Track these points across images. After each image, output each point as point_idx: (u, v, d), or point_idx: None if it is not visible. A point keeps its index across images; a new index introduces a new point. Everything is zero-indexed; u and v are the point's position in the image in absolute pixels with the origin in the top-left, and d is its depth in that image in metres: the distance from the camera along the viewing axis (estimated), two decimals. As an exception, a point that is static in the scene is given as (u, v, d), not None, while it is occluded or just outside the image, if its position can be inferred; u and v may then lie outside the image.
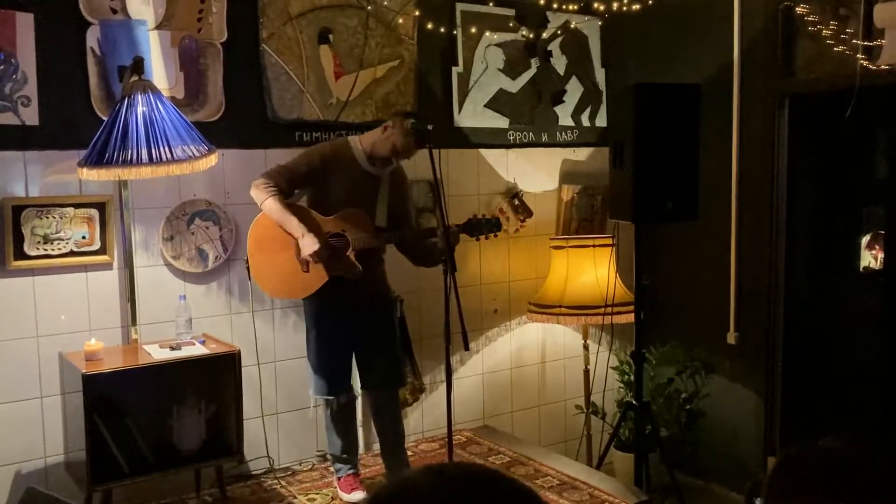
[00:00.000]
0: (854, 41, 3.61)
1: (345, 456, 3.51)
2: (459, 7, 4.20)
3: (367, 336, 3.46)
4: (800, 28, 3.91)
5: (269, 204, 3.25)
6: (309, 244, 3.20)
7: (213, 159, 3.28)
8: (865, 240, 4.44)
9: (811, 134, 4.05)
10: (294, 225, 3.23)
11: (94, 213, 3.34)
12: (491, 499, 0.85)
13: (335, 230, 3.33)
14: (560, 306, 4.27)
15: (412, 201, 3.73)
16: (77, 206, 3.30)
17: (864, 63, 3.57)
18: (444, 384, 3.28)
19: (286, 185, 3.30)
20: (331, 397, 3.44)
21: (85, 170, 3.12)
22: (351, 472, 3.51)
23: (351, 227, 3.33)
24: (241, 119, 3.65)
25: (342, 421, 3.50)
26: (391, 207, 3.43)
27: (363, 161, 3.39)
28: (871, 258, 4.40)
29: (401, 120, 3.34)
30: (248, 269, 3.40)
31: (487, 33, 4.28)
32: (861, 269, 4.40)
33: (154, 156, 3.08)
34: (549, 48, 4.52)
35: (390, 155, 3.34)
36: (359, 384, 3.62)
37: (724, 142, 4.20)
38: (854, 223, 4.28)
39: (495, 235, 3.54)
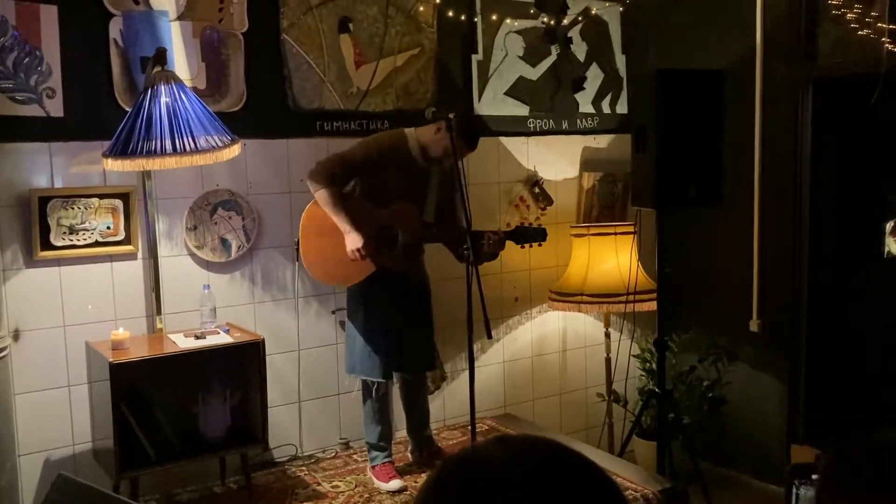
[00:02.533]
0: (879, 24, 3.56)
1: (381, 444, 3.56)
2: (479, -6, 4.18)
3: (407, 322, 3.51)
4: (824, 12, 3.86)
5: (322, 195, 3.32)
6: (352, 241, 3.30)
7: (235, 149, 3.30)
8: (890, 226, 4.39)
9: (835, 119, 4.01)
10: (342, 219, 3.31)
11: (119, 203, 3.37)
12: (558, 469, 0.86)
13: (385, 223, 3.39)
14: (581, 294, 4.26)
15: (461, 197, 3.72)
16: (102, 196, 3.33)
17: (890, 47, 3.52)
18: (465, 372, 3.30)
19: (342, 175, 3.35)
20: (382, 380, 3.48)
21: (110, 160, 3.14)
22: (387, 459, 3.56)
23: (401, 222, 3.40)
24: (263, 109, 3.66)
25: (383, 407, 3.56)
26: (440, 203, 3.48)
27: (417, 156, 3.42)
28: (895, 245, 4.35)
29: (455, 122, 3.28)
30: (297, 251, 3.46)
31: (507, 20, 4.26)
32: (885, 256, 4.35)
33: (178, 146, 3.10)
34: (569, 34, 4.49)
35: (442, 156, 3.37)
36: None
37: (746, 127, 4.17)
38: (878, 209, 4.23)
39: (539, 245, 3.54)
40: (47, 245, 3.24)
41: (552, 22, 4.41)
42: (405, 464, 3.75)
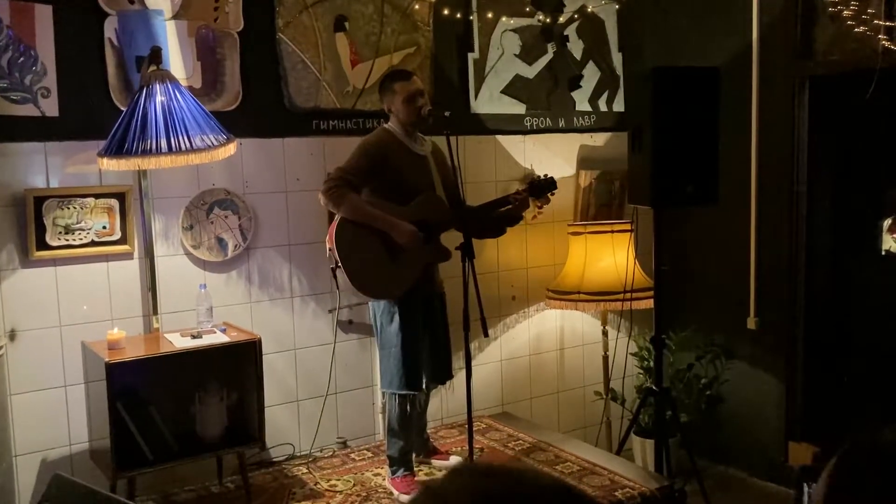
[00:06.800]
0: (875, 21, 3.56)
1: (407, 457, 3.46)
2: (475, -8, 4.18)
3: (435, 331, 3.42)
4: (819, 9, 3.86)
5: (348, 205, 3.19)
6: (403, 231, 3.19)
7: (231, 148, 3.29)
8: (887, 223, 4.39)
9: (831, 116, 4.01)
10: (381, 219, 3.20)
11: (115, 203, 3.36)
12: (515, 496, 0.84)
13: (416, 218, 3.27)
14: (579, 292, 4.26)
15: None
16: (97, 196, 3.33)
17: (886, 43, 3.52)
18: (462, 371, 3.29)
19: (357, 181, 3.24)
20: (416, 392, 3.36)
21: (105, 160, 3.14)
22: (408, 473, 3.44)
23: (430, 211, 3.29)
24: (259, 108, 3.66)
25: (414, 420, 3.45)
26: (444, 185, 3.38)
27: (406, 140, 3.37)
28: (892, 242, 4.35)
29: (390, 80, 3.41)
30: (334, 274, 3.31)
31: (503, 18, 4.26)
32: (883, 253, 4.35)
33: (173, 145, 3.09)
34: (565, 33, 4.49)
35: (413, 110, 3.30)
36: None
37: (743, 125, 4.17)
38: (876, 206, 4.23)
39: (552, 194, 3.64)
40: (43, 245, 3.23)
41: (548, 20, 4.40)
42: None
